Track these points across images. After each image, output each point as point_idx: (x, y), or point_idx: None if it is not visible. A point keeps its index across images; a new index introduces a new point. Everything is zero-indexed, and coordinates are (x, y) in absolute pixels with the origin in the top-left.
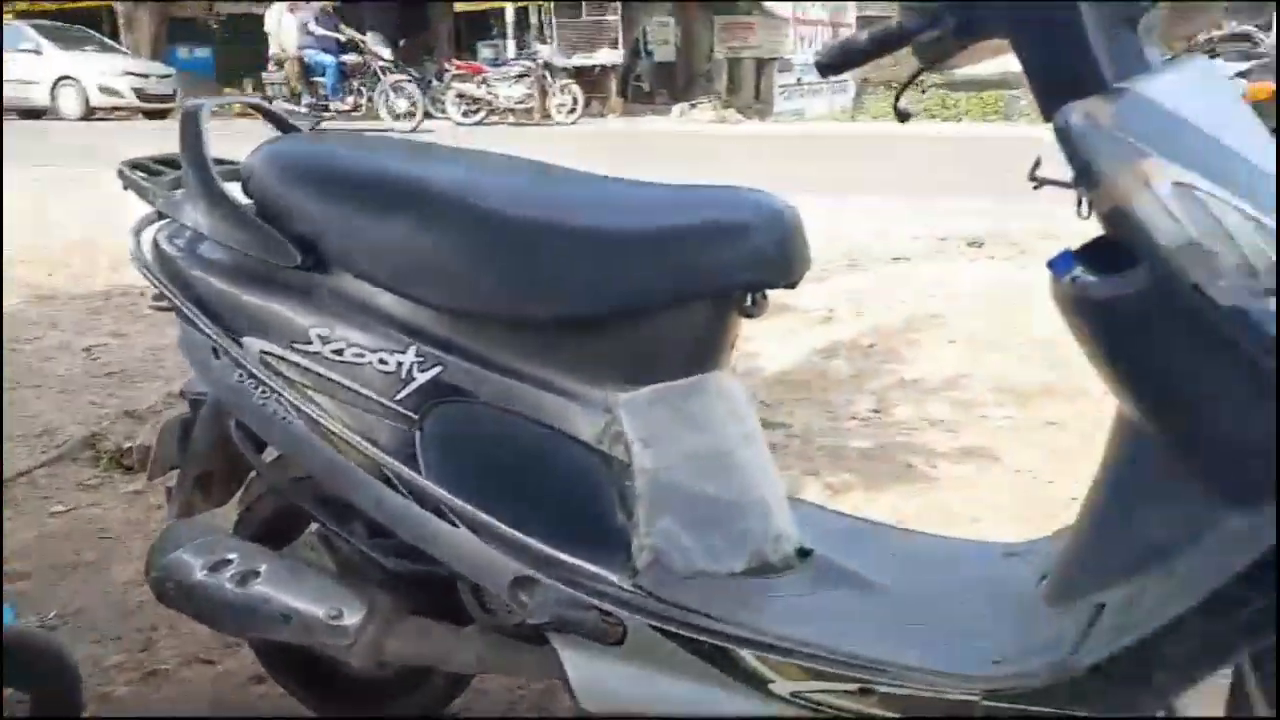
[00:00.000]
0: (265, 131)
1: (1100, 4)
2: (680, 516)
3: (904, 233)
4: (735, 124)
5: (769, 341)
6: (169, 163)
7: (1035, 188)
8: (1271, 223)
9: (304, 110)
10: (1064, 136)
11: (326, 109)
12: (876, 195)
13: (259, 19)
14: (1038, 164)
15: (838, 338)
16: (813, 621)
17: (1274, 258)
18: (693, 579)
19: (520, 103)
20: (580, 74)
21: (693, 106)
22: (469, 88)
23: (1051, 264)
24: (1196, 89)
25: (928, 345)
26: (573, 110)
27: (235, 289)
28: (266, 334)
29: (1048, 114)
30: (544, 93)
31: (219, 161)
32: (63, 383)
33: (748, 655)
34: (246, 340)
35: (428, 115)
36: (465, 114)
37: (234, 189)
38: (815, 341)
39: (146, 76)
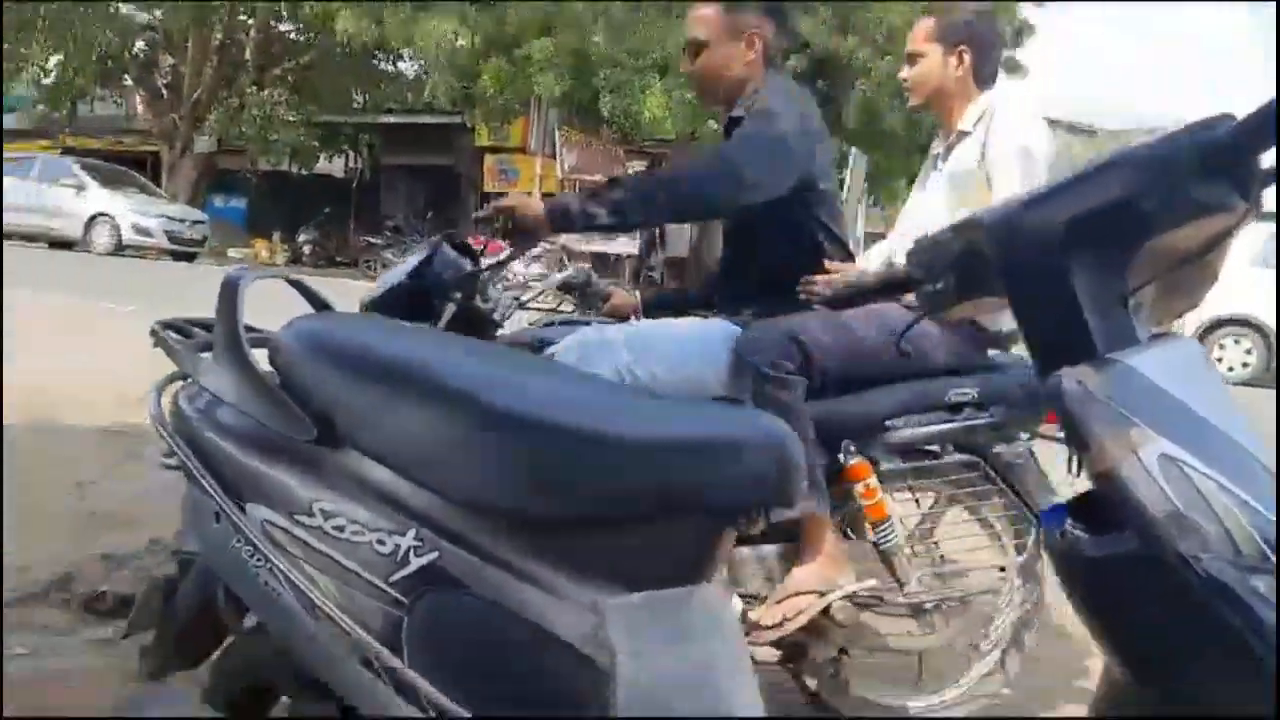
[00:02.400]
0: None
1: (1094, 279)
2: None
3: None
4: None
5: None
6: (201, 324)
7: (1029, 439)
8: (1255, 502)
9: None
10: (1057, 400)
11: None
12: None
13: (294, 177)
14: None
15: None
16: None
17: (1257, 536)
18: None
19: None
20: (596, 260)
21: None
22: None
23: (1044, 515)
24: (1182, 366)
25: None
26: None
27: (246, 456)
28: (271, 503)
29: (1042, 374)
30: None
31: (249, 329)
32: (46, 518)
33: None
34: (250, 507)
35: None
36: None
37: (259, 355)
38: None
39: (181, 221)
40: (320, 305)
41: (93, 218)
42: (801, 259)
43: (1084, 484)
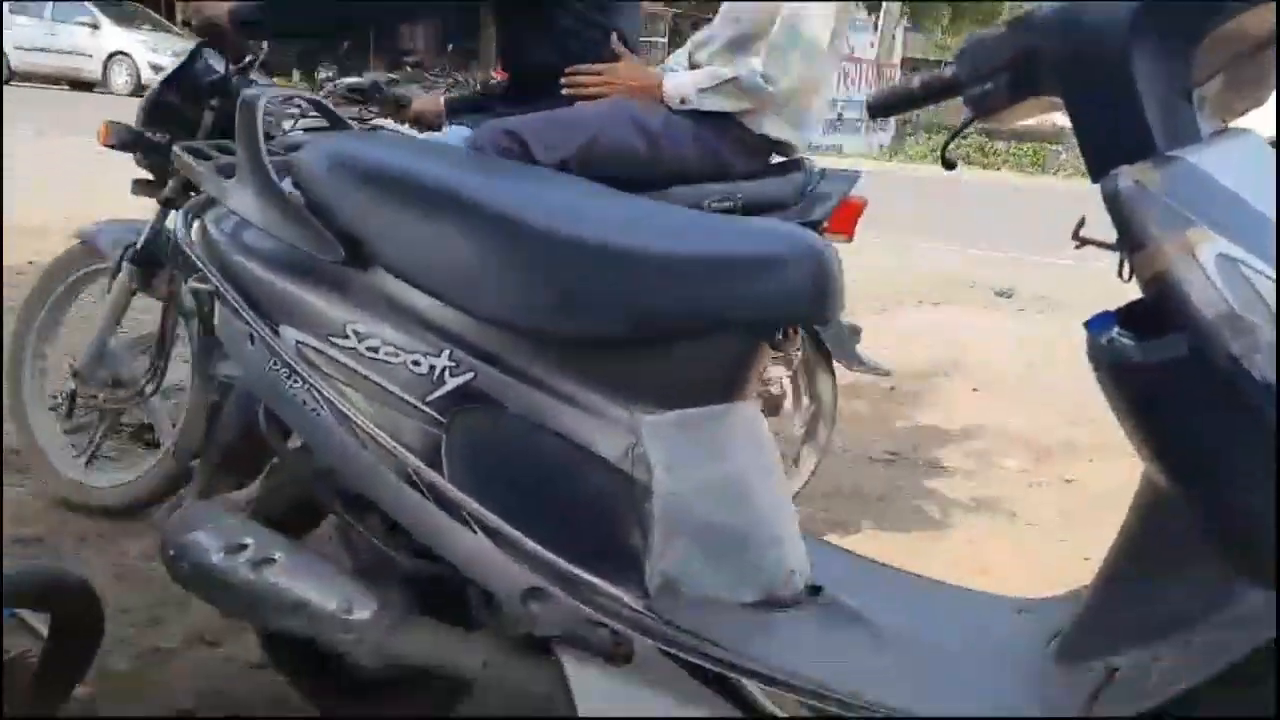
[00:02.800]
0: None
1: (1157, 71)
2: (695, 543)
3: (933, 277)
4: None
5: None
6: (222, 148)
7: (1077, 246)
8: None
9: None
10: (1112, 200)
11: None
12: (908, 237)
13: None
14: (1082, 223)
15: (859, 377)
16: (819, 659)
17: None
18: (703, 606)
19: None
20: None
21: None
22: None
23: (1089, 323)
24: (1245, 163)
25: (949, 391)
26: None
27: (276, 278)
28: (303, 325)
29: (1096, 175)
30: None
31: (272, 152)
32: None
33: (752, 687)
34: (283, 330)
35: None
36: None
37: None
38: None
39: None
40: (340, 125)
41: (110, 56)
42: (566, 57)
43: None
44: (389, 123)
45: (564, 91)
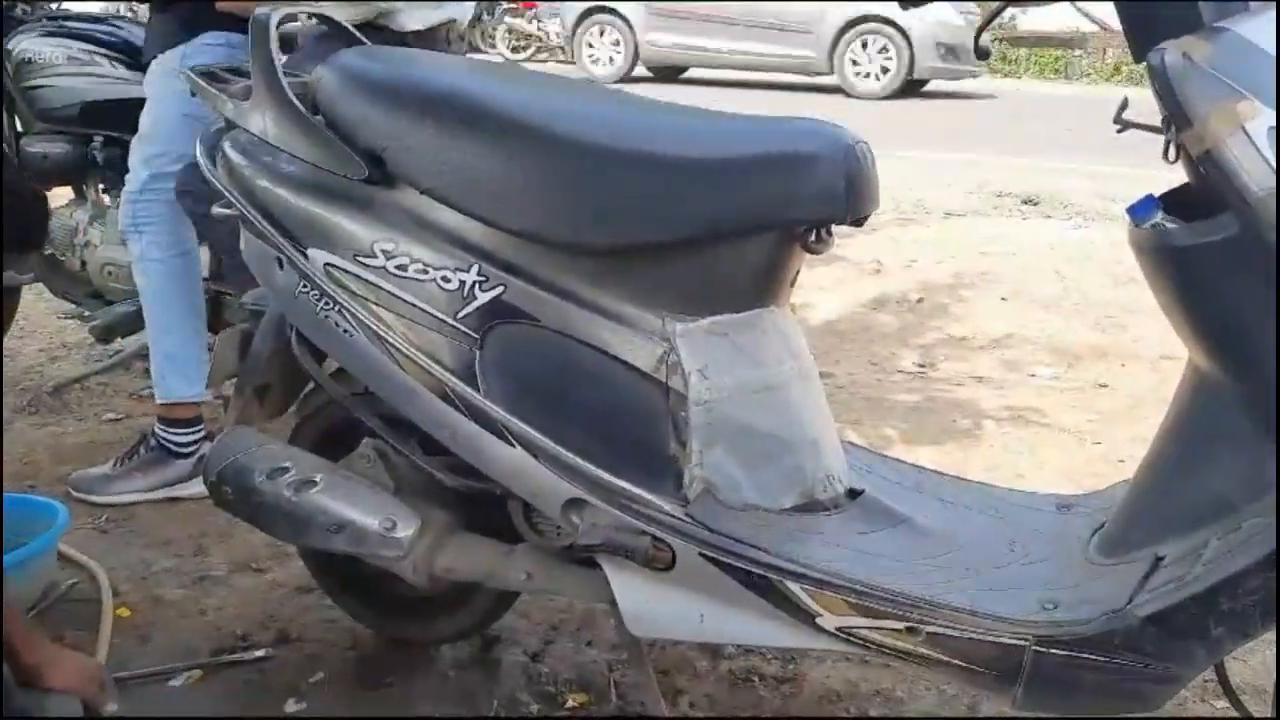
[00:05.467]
0: None
1: None
2: (732, 449)
3: (958, 188)
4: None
5: (816, 291)
6: (238, 71)
7: (1119, 131)
8: None
9: None
10: (1157, 75)
11: None
12: (932, 149)
13: None
14: (1124, 105)
15: (886, 290)
16: (862, 559)
17: None
18: (742, 511)
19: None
20: None
21: None
22: (520, 23)
23: (1132, 209)
24: None
25: (977, 302)
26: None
27: (301, 200)
28: (331, 246)
29: (1140, 54)
30: None
31: (289, 73)
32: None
33: (795, 588)
34: (311, 251)
35: (475, 49)
36: (514, 50)
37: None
38: (863, 293)
39: None
40: (355, 41)
41: None
42: None
43: None
44: None
45: (218, 6)
